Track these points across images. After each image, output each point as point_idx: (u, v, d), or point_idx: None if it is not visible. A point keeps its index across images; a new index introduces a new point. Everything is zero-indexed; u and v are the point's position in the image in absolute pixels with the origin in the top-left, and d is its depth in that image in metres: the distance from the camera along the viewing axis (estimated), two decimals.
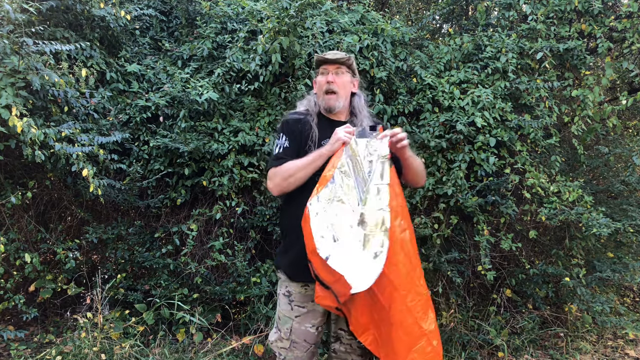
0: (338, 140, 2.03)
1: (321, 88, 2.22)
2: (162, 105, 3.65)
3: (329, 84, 2.19)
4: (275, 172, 2.12)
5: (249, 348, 3.47)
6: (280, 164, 2.12)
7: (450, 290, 3.77)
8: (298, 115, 2.26)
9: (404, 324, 1.89)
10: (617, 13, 3.95)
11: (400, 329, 1.90)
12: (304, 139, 2.17)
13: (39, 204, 3.77)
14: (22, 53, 2.99)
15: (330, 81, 2.19)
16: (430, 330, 1.93)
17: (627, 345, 3.92)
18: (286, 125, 2.23)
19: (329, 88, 2.19)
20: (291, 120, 2.24)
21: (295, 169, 2.07)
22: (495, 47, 3.84)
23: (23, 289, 3.72)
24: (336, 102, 2.21)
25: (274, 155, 2.19)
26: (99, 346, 3.23)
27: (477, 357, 3.54)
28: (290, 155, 2.14)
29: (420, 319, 1.91)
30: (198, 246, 3.75)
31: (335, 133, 2.05)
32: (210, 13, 4.17)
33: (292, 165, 2.09)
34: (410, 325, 1.89)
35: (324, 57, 2.22)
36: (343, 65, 2.23)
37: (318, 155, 2.06)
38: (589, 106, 3.75)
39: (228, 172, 3.65)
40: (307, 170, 2.07)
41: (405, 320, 1.89)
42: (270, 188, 2.15)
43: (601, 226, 3.40)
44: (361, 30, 3.97)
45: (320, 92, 2.22)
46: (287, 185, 2.10)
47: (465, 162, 3.58)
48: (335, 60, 2.21)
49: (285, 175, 2.09)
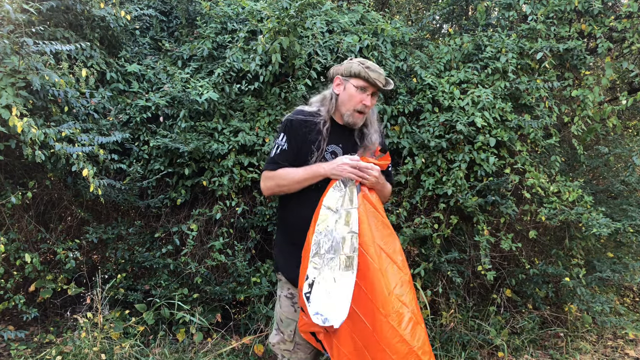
0: (341, 172, 2.00)
1: (354, 105, 2.14)
2: (162, 105, 3.65)
3: (365, 107, 2.14)
4: (270, 177, 2.12)
5: (249, 348, 3.47)
6: (275, 168, 2.11)
7: (450, 290, 3.77)
8: (304, 116, 2.17)
9: (390, 343, 1.87)
10: (617, 13, 3.95)
11: (388, 348, 1.87)
12: (308, 143, 2.12)
13: (39, 204, 3.77)
14: (22, 53, 2.99)
15: (367, 105, 2.14)
16: (418, 346, 1.90)
17: (627, 345, 3.92)
18: (289, 125, 2.15)
19: (363, 110, 2.15)
20: (296, 121, 2.15)
21: (290, 180, 2.07)
22: (495, 47, 3.84)
23: (23, 289, 3.72)
24: (361, 121, 2.19)
25: (270, 157, 2.16)
26: (99, 346, 3.23)
27: (477, 357, 3.54)
28: (286, 159, 2.11)
29: (407, 335, 1.89)
30: (198, 246, 3.75)
31: (342, 164, 2.00)
32: (210, 13, 4.17)
33: (287, 175, 2.07)
34: (396, 344, 1.87)
35: (375, 81, 2.10)
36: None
37: (315, 173, 2.04)
38: (589, 106, 3.75)
39: (228, 172, 3.65)
40: (302, 184, 2.07)
41: (392, 339, 1.88)
42: (262, 189, 2.17)
43: (601, 226, 3.40)
44: (361, 30, 3.97)
45: (351, 107, 2.15)
46: (279, 191, 2.13)
47: (465, 162, 3.58)
48: (384, 89, 2.15)
49: (280, 183, 2.09)
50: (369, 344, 1.90)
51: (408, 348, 1.86)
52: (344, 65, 2.19)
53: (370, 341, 1.90)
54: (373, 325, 1.89)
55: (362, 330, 1.92)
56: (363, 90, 2.13)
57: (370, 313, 1.90)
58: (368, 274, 1.92)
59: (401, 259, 2.06)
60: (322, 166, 2.04)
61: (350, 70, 2.14)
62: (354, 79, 2.14)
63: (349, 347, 1.94)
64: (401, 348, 1.86)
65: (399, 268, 2.02)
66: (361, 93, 2.13)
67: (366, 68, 2.11)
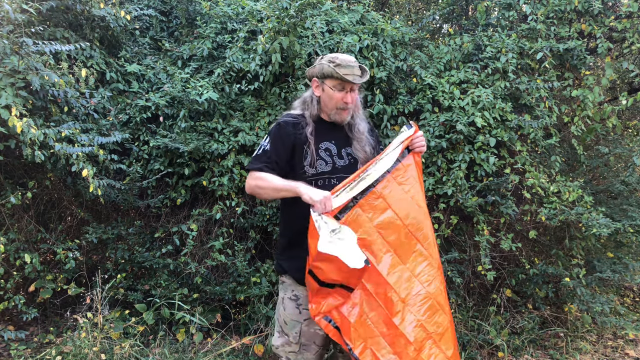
0: (316, 202, 1.94)
1: (336, 104, 2.16)
2: (162, 105, 3.65)
3: (346, 104, 2.15)
4: (255, 177, 2.13)
5: (249, 348, 3.47)
6: (256, 166, 2.13)
7: (450, 290, 3.77)
8: (293, 118, 2.21)
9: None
10: (617, 13, 3.95)
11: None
12: (299, 143, 2.14)
13: (39, 204, 3.76)
14: (22, 53, 2.99)
15: (348, 102, 2.15)
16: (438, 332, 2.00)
17: (627, 345, 3.92)
18: (277, 128, 2.19)
19: (346, 107, 2.16)
20: (283, 123, 2.19)
21: (268, 186, 2.08)
22: (495, 47, 3.84)
23: (23, 289, 3.71)
24: (348, 116, 2.20)
25: (254, 155, 2.20)
26: (99, 346, 3.23)
27: (477, 357, 3.54)
28: (266, 159, 2.13)
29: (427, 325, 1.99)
30: (198, 246, 3.75)
31: (321, 199, 1.94)
32: (210, 13, 4.17)
33: (268, 181, 2.08)
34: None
35: (344, 77, 2.09)
36: None
37: (293, 189, 2.02)
38: (588, 106, 3.75)
39: (228, 172, 3.65)
40: (279, 194, 2.09)
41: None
42: (246, 186, 2.19)
43: (601, 226, 3.40)
44: (361, 30, 3.96)
45: (333, 106, 2.17)
46: (258, 193, 2.15)
47: (465, 162, 3.58)
48: (360, 82, 2.14)
49: (261, 185, 2.11)
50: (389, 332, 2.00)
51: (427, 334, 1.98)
52: (316, 67, 2.19)
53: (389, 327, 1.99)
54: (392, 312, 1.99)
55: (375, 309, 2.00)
56: (340, 89, 2.14)
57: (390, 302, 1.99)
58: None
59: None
60: (300, 188, 2.01)
61: (322, 72, 2.15)
62: (328, 79, 2.15)
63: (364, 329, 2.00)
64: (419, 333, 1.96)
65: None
66: (339, 92, 2.14)
67: (337, 67, 2.10)
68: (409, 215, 2.09)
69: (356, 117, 2.25)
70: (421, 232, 2.10)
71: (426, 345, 1.98)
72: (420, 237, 2.09)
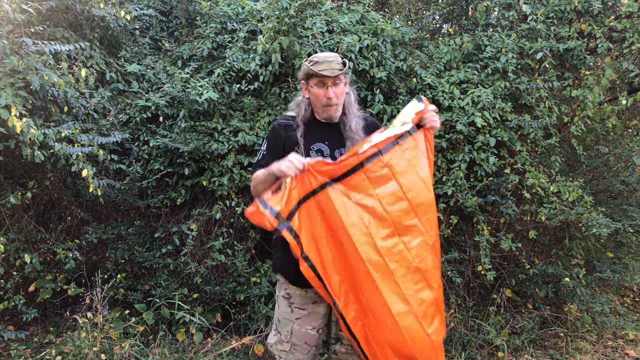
0: (285, 170, 1.92)
1: (320, 101, 2.16)
2: (162, 105, 3.65)
3: (329, 100, 2.14)
4: (252, 180, 2.18)
5: (249, 348, 3.47)
6: (255, 170, 2.17)
7: (450, 290, 3.77)
8: (285, 121, 2.24)
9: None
10: (617, 13, 3.95)
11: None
12: (290, 144, 2.15)
13: (39, 204, 3.76)
14: (21, 53, 2.98)
15: (330, 97, 2.14)
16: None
17: (627, 345, 3.92)
18: (272, 131, 2.23)
19: (330, 103, 2.16)
20: (277, 125, 2.23)
21: (260, 181, 2.10)
22: (495, 47, 3.84)
23: (23, 289, 3.71)
24: (336, 112, 2.20)
25: (255, 161, 2.24)
26: (99, 346, 3.23)
27: (477, 357, 3.54)
28: (264, 163, 2.13)
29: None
30: (198, 246, 3.75)
31: (288, 165, 1.92)
32: (210, 13, 4.17)
33: (258, 178, 2.10)
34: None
35: (320, 73, 2.09)
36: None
37: (270, 172, 2.02)
38: (588, 106, 3.75)
39: (228, 172, 3.65)
40: (265, 185, 2.07)
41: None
42: (251, 191, 2.22)
43: (601, 226, 3.40)
44: (361, 30, 3.96)
45: (319, 104, 2.17)
46: (255, 192, 2.16)
47: (465, 162, 3.58)
48: (334, 76, 2.12)
49: (253, 184, 2.15)
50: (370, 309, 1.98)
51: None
52: (301, 70, 2.23)
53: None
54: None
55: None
56: (322, 85, 2.15)
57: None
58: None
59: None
60: (272, 167, 2.01)
61: (305, 73, 2.18)
62: (311, 79, 2.17)
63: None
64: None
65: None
66: (321, 88, 2.15)
67: (314, 65, 2.12)
68: (411, 189, 2.06)
69: (348, 114, 2.23)
70: (421, 207, 2.08)
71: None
72: (420, 212, 2.07)
